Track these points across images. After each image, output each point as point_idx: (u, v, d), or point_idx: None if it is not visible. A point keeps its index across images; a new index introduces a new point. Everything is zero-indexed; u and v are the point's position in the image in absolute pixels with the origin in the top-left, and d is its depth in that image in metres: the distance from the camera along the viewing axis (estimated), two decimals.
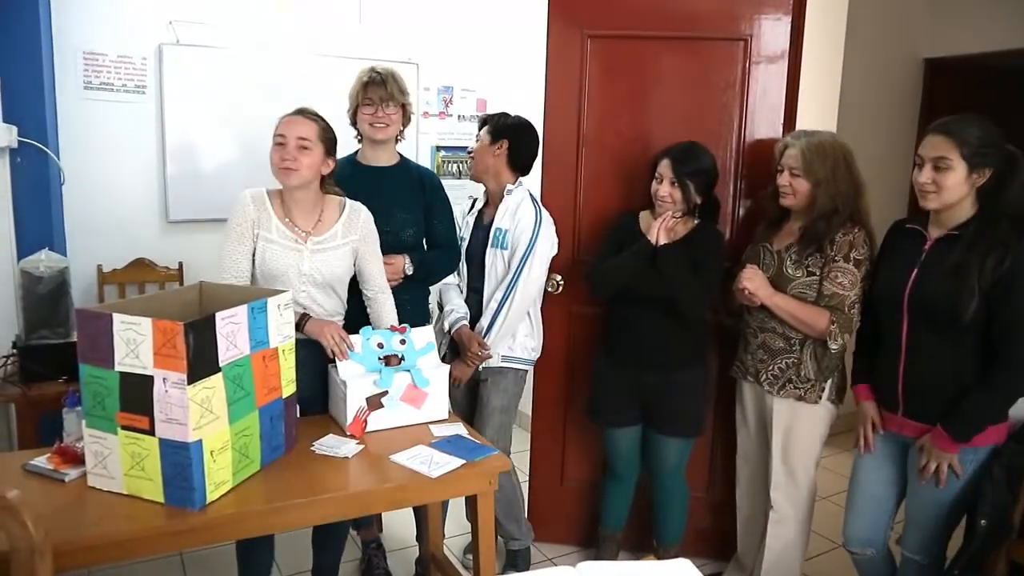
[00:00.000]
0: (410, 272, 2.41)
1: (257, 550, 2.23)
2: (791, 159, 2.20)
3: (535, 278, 2.48)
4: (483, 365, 2.52)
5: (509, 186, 2.52)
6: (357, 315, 2.30)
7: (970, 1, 3.98)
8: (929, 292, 1.92)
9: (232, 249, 2.08)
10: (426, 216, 2.49)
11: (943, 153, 1.87)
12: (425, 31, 3.92)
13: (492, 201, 2.57)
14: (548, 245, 2.50)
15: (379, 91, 2.33)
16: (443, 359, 2.62)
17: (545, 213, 2.51)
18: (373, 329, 2.19)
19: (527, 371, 2.61)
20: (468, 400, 2.69)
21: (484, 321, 2.48)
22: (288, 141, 2.06)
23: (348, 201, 2.22)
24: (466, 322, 2.52)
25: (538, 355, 2.63)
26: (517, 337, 2.54)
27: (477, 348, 2.46)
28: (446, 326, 2.56)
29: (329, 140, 2.13)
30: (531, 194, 2.56)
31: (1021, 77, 4.23)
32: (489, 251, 2.49)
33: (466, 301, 2.58)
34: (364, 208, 2.23)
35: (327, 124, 2.14)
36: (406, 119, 2.44)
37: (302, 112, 2.12)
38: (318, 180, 2.13)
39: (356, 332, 2.15)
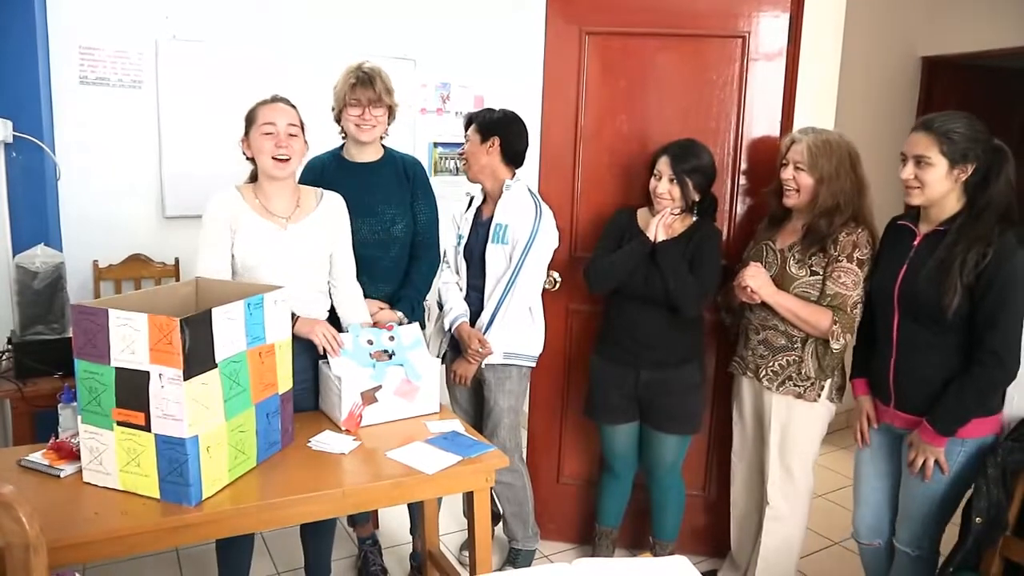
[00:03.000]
0: (407, 321, 2.35)
1: (237, 548, 2.23)
2: (797, 154, 2.21)
3: (536, 272, 2.47)
4: (485, 362, 2.50)
5: (508, 181, 2.51)
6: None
7: (967, 0, 3.98)
8: (916, 287, 1.94)
9: (209, 244, 2.05)
10: (411, 204, 2.46)
11: (923, 150, 1.89)
12: (422, 27, 3.90)
13: (491, 198, 2.55)
14: (548, 238, 2.49)
15: (367, 93, 2.30)
16: (443, 357, 2.62)
17: (545, 206, 2.50)
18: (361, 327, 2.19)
19: (530, 368, 2.59)
20: (473, 403, 2.68)
21: (484, 317, 2.47)
22: (279, 129, 2.04)
23: (324, 191, 2.22)
24: (466, 319, 2.50)
25: (540, 352, 2.61)
26: (520, 334, 2.52)
27: (478, 345, 2.44)
28: (446, 324, 2.54)
29: (303, 124, 2.13)
30: (530, 188, 2.56)
31: (1017, 75, 4.24)
32: (489, 247, 2.47)
33: (465, 299, 2.56)
34: (340, 198, 2.22)
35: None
36: (391, 118, 2.41)
37: (280, 99, 2.11)
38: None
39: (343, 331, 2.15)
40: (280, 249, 2.09)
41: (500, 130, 2.48)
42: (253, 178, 2.16)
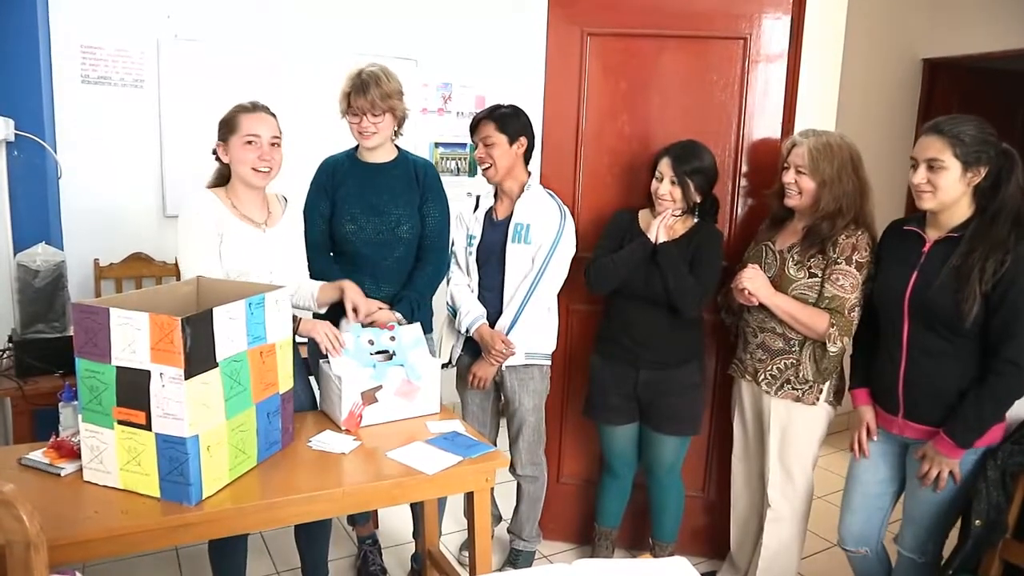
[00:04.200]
0: (405, 323, 2.34)
1: (231, 550, 2.22)
2: (798, 157, 2.20)
3: (559, 273, 2.48)
4: (505, 364, 2.50)
5: (529, 181, 2.51)
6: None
7: (969, 2, 3.98)
8: (930, 295, 1.91)
9: (201, 256, 2.03)
10: (420, 207, 2.44)
11: (936, 153, 1.87)
12: (424, 27, 3.91)
13: (507, 198, 2.53)
14: (572, 239, 2.50)
15: (359, 101, 2.27)
16: (459, 360, 2.62)
17: (566, 209, 2.51)
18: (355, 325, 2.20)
19: (549, 366, 2.60)
20: (487, 409, 2.67)
21: (506, 318, 2.46)
22: (262, 140, 2.05)
23: (284, 194, 2.26)
24: (485, 321, 2.49)
25: (555, 348, 2.61)
26: (539, 333, 2.51)
27: (501, 346, 2.43)
28: (462, 327, 2.52)
29: (281, 133, 2.14)
30: (547, 189, 2.56)
31: (1019, 78, 4.24)
32: (510, 247, 2.46)
33: (477, 299, 2.54)
34: (297, 201, 2.29)
35: None
36: (398, 119, 2.38)
37: (263, 108, 2.11)
38: None
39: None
40: (262, 253, 2.10)
41: (527, 131, 2.49)
42: (220, 181, 2.16)
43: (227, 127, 2.08)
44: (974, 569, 1.98)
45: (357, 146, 2.45)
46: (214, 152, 2.13)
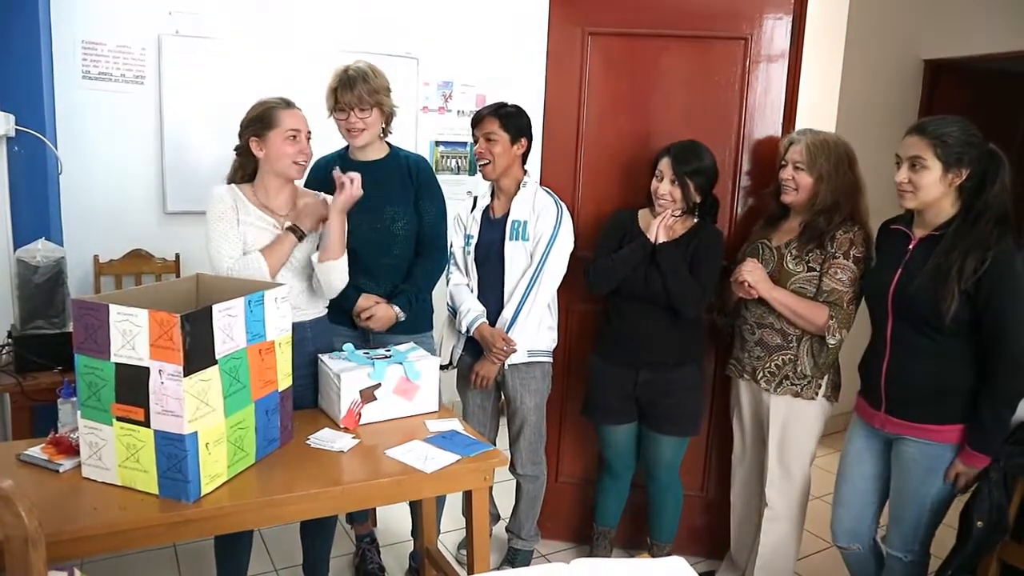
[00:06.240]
0: (403, 318, 2.37)
1: (236, 545, 2.24)
2: (795, 153, 2.22)
3: (558, 269, 2.48)
4: (507, 363, 2.50)
5: (525, 179, 2.52)
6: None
7: (970, 3, 3.98)
8: (911, 292, 1.94)
9: (223, 233, 2.07)
10: (415, 203, 2.44)
11: (918, 152, 1.89)
12: (425, 26, 3.91)
13: (504, 196, 2.54)
14: (569, 235, 2.50)
15: (346, 97, 2.28)
16: (460, 361, 2.62)
17: (563, 204, 2.51)
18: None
19: (551, 364, 2.61)
20: (489, 410, 2.67)
21: (507, 314, 2.45)
22: (302, 136, 2.11)
23: (320, 193, 2.27)
24: (485, 319, 2.49)
25: (555, 345, 2.62)
26: (540, 330, 2.52)
27: (503, 344, 2.43)
28: (463, 326, 2.52)
29: None
30: (545, 186, 2.56)
31: (1020, 79, 4.24)
32: (508, 244, 2.47)
33: (479, 298, 2.54)
34: (329, 197, 2.26)
35: None
36: (386, 116, 2.39)
37: (294, 105, 2.15)
38: None
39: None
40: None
41: (528, 131, 2.50)
42: (246, 177, 2.19)
43: (262, 123, 2.10)
44: (972, 570, 1.99)
45: (348, 145, 2.45)
46: (237, 149, 2.17)
